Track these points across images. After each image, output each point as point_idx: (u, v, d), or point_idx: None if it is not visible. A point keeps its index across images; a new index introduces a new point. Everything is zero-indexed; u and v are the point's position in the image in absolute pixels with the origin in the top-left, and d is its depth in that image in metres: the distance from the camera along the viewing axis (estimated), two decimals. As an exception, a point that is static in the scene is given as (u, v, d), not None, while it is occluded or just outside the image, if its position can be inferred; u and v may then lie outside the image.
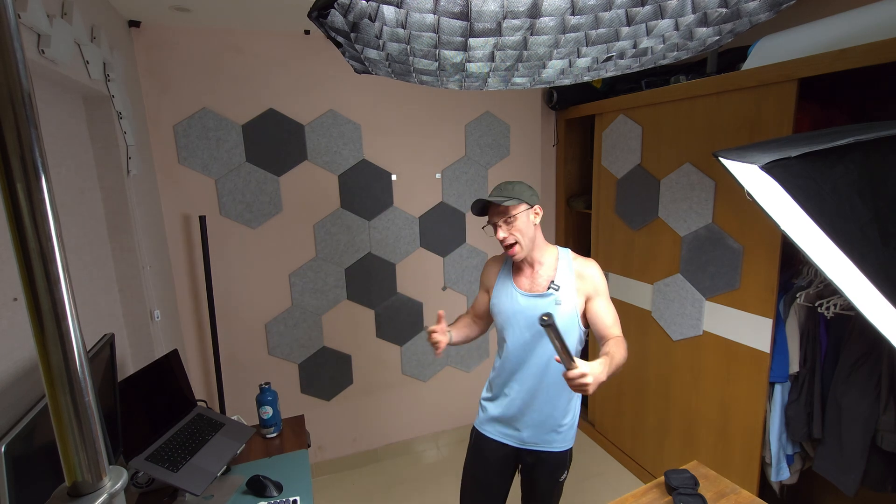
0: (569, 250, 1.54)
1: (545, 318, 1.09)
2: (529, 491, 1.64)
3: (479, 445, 1.64)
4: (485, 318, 1.69)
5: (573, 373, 1.14)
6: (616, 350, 1.33)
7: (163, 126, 2.14)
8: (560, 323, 1.39)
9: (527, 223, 1.44)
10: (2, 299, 1.10)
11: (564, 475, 1.60)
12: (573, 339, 1.46)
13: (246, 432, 1.70)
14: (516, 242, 1.43)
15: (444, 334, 1.49)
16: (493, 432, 1.61)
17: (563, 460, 1.58)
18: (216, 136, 2.21)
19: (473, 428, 1.68)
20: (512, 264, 1.56)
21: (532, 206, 1.45)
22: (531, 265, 1.51)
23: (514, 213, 1.41)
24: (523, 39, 0.87)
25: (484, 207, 1.48)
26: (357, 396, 2.73)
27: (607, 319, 1.43)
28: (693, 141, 2.03)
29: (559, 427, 1.54)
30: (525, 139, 2.87)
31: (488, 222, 1.47)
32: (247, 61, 2.21)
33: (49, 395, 0.39)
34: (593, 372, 1.15)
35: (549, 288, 1.46)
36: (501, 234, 1.43)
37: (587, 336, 1.55)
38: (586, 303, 1.46)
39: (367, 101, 2.44)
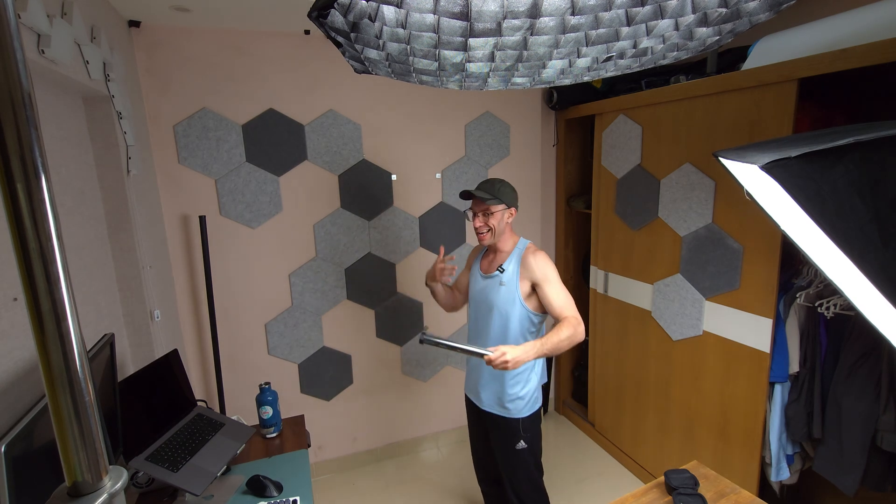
0: (528, 243, 1.75)
1: (421, 335, 1.52)
2: (496, 454, 1.84)
3: (467, 405, 1.95)
4: (462, 294, 1.97)
5: (491, 357, 1.46)
6: (554, 334, 1.55)
7: (163, 126, 2.14)
8: (501, 302, 1.69)
9: (501, 219, 1.70)
10: (2, 299, 1.10)
11: (520, 444, 1.74)
12: (515, 316, 1.69)
13: (246, 432, 1.70)
14: (488, 231, 1.70)
15: (451, 269, 1.83)
16: (469, 392, 1.90)
17: (515, 428, 1.73)
18: (216, 136, 2.21)
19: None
20: (483, 251, 1.86)
21: (509, 208, 1.70)
22: (494, 252, 1.78)
23: (493, 210, 1.67)
24: (523, 39, 0.87)
25: (469, 194, 1.71)
26: (357, 396, 2.73)
27: (554, 304, 1.63)
28: (693, 141, 2.03)
29: (510, 395, 1.73)
30: (525, 139, 2.87)
31: (470, 208, 1.74)
32: (247, 61, 2.21)
33: (49, 395, 0.39)
34: (512, 353, 1.46)
35: (497, 270, 1.72)
36: (478, 222, 1.70)
37: (542, 320, 1.75)
38: (535, 289, 1.67)
39: (367, 101, 2.44)
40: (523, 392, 1.72)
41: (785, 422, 1.82)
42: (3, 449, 0.84)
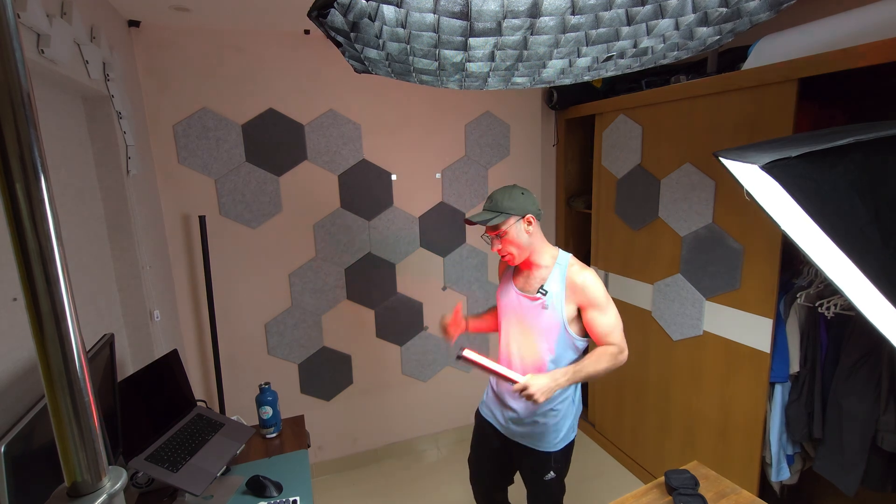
0: (569, 256, 1.53)
1: (458, 354, 1.39)
2: (524, 481, 1.69)
3: (478, 425, 1.76)
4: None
5: (515, 387, 1.36)
6: (590, 361, 1.43)
7: (163, 126, 2.14)
8: (542, 326, 1.49)
9: (518, 233, 1.45)
10: (2, 299, 1.10)
11: (550, 475, 1.58)
12: (561, 343, 1.49)
13: (246, 432, 1.70)
14: (510, 253, 1.48)
15: (456, 327, 1.63)
16: (488, 414, 1.70)
17: (546, 460, 1.58)
18: (216, 136, 2.21)
19: (477, 409, 1.77)
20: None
21: (523, 217, 1.44)
22: (529, 266, 1.54)
23: (503, 228, 1.44)
24: (523, 39, 0.87)
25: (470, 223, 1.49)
26: (357, 396, 2.73)
27: (599, 329, 1.46)
28: (693, 141, 2.03)
29: (540, 427, 1.55)
30: (525, 139, 2.86)
31: (486, 232, 1.51)
32: (247, 61, 2.21)
33: (49, 396, 0.39)
34: (536, 384, 1.34)
35: (538, 291, 1.49)
36: (496, 246, 1.48)
37: (587, 344, 1.56)
38: (581, 312, 1.48)
39: (367, 101, 2.44)
40: (557, 424, 1.54)
41: (785, 422, 1.82)
42: (3, 449, 0.84)
